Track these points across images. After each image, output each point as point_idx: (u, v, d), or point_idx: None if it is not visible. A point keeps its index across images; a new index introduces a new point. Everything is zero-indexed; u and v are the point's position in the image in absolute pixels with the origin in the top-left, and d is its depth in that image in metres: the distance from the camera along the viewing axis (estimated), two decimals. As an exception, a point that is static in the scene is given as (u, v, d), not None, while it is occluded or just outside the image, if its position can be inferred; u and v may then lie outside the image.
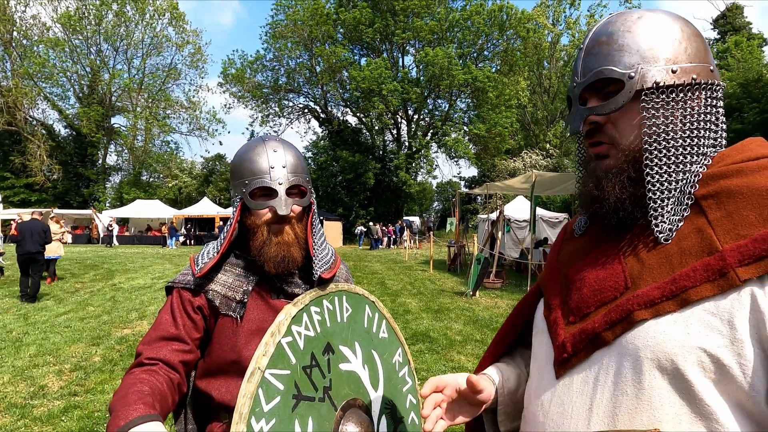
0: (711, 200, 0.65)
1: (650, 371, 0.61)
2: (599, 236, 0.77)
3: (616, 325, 0.64)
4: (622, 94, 0.69)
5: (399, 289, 10.46)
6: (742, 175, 0.64)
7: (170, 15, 36.71)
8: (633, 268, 0.67)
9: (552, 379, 0.73)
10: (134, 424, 0.82)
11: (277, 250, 1.15)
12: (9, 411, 3.80)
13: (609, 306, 0.67)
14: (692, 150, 0.69)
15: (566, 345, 0.70)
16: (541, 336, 0.80)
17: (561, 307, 0.76)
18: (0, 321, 6.91)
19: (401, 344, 1.33)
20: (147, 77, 37.64)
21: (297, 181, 1.19)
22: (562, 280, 0.79)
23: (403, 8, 29.99)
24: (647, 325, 0.62)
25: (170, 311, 1.15)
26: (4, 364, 4.94)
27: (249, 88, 32.88)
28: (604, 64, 0.70)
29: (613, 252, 0.71)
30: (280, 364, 0.92)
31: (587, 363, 0.68)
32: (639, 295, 0.64)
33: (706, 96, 0.70)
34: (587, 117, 0.73)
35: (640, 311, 0.63)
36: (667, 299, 0.61)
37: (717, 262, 0.59)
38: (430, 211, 50.07)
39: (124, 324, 6.81)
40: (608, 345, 0.65)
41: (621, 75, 0.69)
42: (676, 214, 0.67)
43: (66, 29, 34.17)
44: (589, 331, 0.67)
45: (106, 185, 37.46)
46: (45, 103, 35.52)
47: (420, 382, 4.37)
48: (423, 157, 32.18)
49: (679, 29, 0.70)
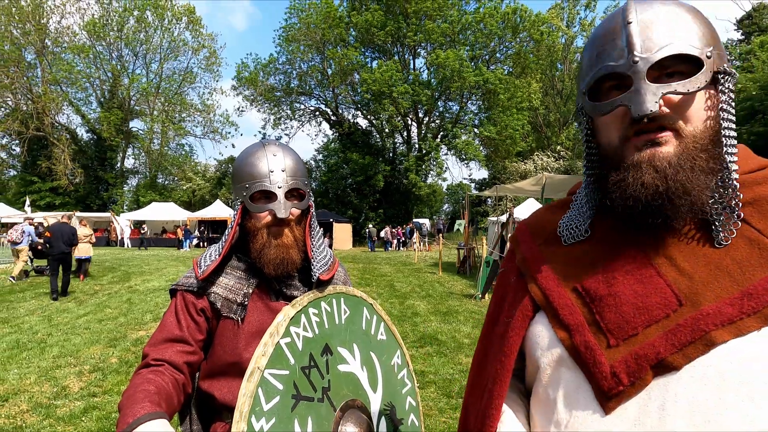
0: (751, 208, 0.61)
1: (744, 400, 0.54)
2: (615, 240, 0.68)
3: (688, 348, 0.57)
4: (702, 73, 0.62)
5: (408, 292, 10.50)
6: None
7: (187, 19, 37.52)
8: (679, 281, 0.61)
9: (599, 414, 0.61)
10: (141, 421, 0.85)
11: (276, 252, 1.17)
12: (35, 410, 3.95)
13: (663, 327, 0.59)
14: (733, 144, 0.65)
15: (619, 375, 0.60)
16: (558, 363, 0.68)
17: (589, 328, 0.65)
18: (27, 323, 7.16)
19: (400, 346, 1.33)
20: (164, 81, 38.61)
21: (296, 185, 1.21)
22: (576, 295, 0.69)
23: (415, 11, 30.07)
24: (729, 346, 0.56)
25: (174, 313, 1.18)
26: (31, 365, 5.13)
27: (262, 91, 33.32)
28: (681, 39, 0.62)
29: (643, 262, 0.64)
30: (278, 365, 0.94)
31: (648, 392, 0.59)
32: (710, 313, 0.57)
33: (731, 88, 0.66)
34: (663, 95, 0.62)
35: (718, 331, 0.56)
36: (747, 316, 0.56)
37: None
38: (440, 214, 49.95)
39: (139, 326, 7.00)
40: (678, 371, 0.58)
41: (700, 53, 0.62)
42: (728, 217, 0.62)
43: (91, 36, 35.28)
44: (649, 356, 0.59)
45: (124, 188, 38.34)
46: (69, 108, 36.83)
47: (428, 384, 4.40)
48: (433, 160, 32.16)
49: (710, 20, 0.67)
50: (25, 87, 33.59)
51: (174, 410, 1.04)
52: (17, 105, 33.67)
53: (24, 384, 4.54)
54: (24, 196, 27.57)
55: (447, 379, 4.67)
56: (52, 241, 9.12)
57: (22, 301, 8.90)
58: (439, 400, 4.13)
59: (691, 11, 0.65)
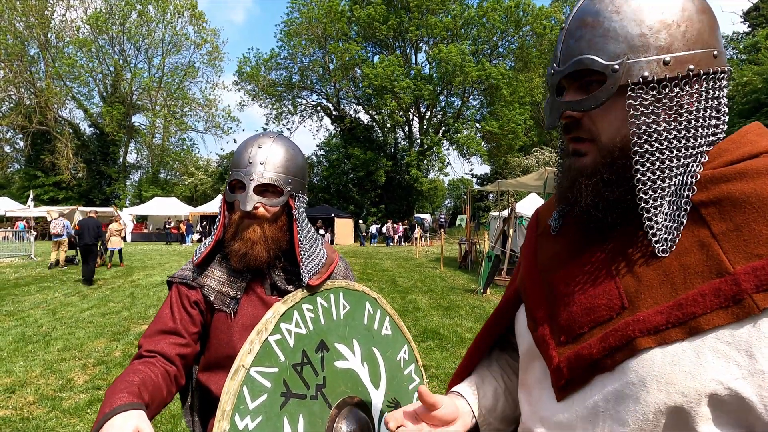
0: (713, 208, 0.57)
1: (656, 403, 0.55)
2: (580, 239, 0.70)
3: (616, 352, 0.58)
4: (603, 90, 0.61)
5: (409, 287, 10.52)
6: (747, 179, 0.56)
7: (189, 14, 37.38)
8: (628, 284, 0.60)
9: (552, 400, 0.67)
10: (117, 411, 0.85)
11: (239, 245, 1.16)
12: (41, 403, 4.00)
13: (605, 328, 0.60)
14: (687, 147, 0.61)
15: (562, 369, 0.64)
16: (530, 350, 0.73)
17: (548, 322, 0.69)
18: (32, 316, 7.23)
19: (407, 341, 1.30)
20: (166, 76, 38.52)
21: (272, 180, 1.17)
22: (546, 288, 0.71)
23: (417, 5, 29.88)
24: (652, 355, 0.56)
25: (169, 306, 1.18)
26: (36, 358, 5.19)
27: (263, 85, 33.26)
28: (586, 52, 0.61)
29: (602, 262, 0.65)
30: (267, 362, 0.92)
31: (589, 388, 0.62)
32: (640, 319, 0.57)
33: (707, 88, 0.61)
34: (563, 112, 0.65)
35: (643, 339, 0.56)
36: (673, 326, 0.55)
37: (730, 287, 0.53)
38: (442, 209, 49.92)
39: (142, 320, 7.05)
40: (609, 372, 0.59)
41: (603, 67, 0.60)
42: (672, 221, 0.60)
43: (93, 30, 35.25)
44: (586, 356, 0.61)
45: (126, 183, 38.43)
46: (72, 102, 36.89)
47: (430, 378, 4.42)
48: (435, 155, 32.10)
49: (680, 8, 0.60)
50: (29, 81, 33.64)
51: (163, 401, 1.04)
52: (21, 99, 33.74)
53: (30, 376, 4.59)
54: (28, 190, 27.74)
55: (449, 373, 4.68)
56: (81, 234, 10.41)
57: (27, 295, 8.97)
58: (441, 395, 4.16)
59: (619, 10, 0.61)
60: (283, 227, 1.22)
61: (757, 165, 0.57)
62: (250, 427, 0.85)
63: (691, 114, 0.61)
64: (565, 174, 0.68)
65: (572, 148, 0.67)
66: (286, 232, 1.23)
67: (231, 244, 1.18)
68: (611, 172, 0.62)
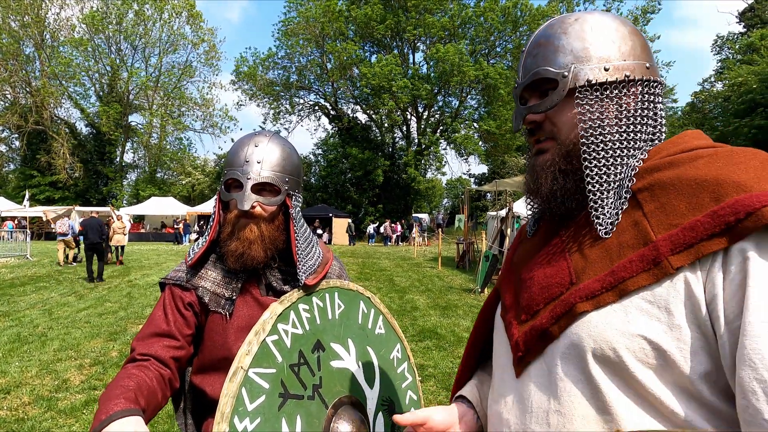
0: (646, 193, 0.67)
1: (594, 360, 0.63)
2: (545, 234, 0.80)
3: (561, 319, 0.67)
4: (556, 92, 0.73)
5: (407, 286, 10.52)
6: (673, 167, 0.66)
7: (187, 13, 37.22)
8: (577, 263, 0.69)
9: (513, 378, 0.75)
10: (114, 418, 0.84)
11: (236, 245, 1.14)
12: (37, 403, 3.97)
13: (555, 302, 0.69)
14: (628, 144, 0.71)
15: (519, 344, 0.72)
16: (500, 337, 0.82)
17: (514, 307, 0.78)
18: (27, 316, 7.18)
19: (400, 340, 1.31)
20: (163, 75, 38.32)
21: (269, 179, 1.16)
22: (516, 279, 0.81)
23: (415, 4, 29.86)
24: (589, 317, 0.64)
25: (162, 308, 1.16)
26: (32, 358, 5.15)
27: (261, 85, 33.18)
28: (541, 65, 0.74)
29: (559, 248, 0.74)
30: (264, 363, 0.92)
31: (541, 358, 0.70)
32: (581, 288, 0.66)
33: (642, 92, 0.72)
34: (525, 116, 0.76)
35: (581, 303, 0.65)
36: (606, 290, 0.63)
37: (651, 252, 0.61)
38: (440, 208, 49.96)
39: (139, 320, 7.02)
40: (556, 339, 0.67)
41: (555, 74, 0.72)
42: (615, 208, 0.69)
43: (90, 29, 35.02)
44: (538, 327, 0.70)
45: (123, 183, 38.26)
46: (68, 102, 36.59)
47: (428, 378, 4.43)
48: (432, 154, 32.11)
49: (614, 29, 0.73)
50: (24, 80, 33.43)
51: (158, 405, 1.03)
52: (16, 98, 33.49)
53: (25, 377, 4.57)
54: (23, 190, 27.54)
55: (446, 372, 4.69)
56: (86, 233, 10.84)
57: (22, 295, 8.92)
58: (438, 393, 4.16)
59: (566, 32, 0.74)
60: (279, 226, 1.21)
61: (684, 156, 0.67)
62: (249, 429, 0.85)
63: (631, 113, 0.72)
64: (530, 171, 0.79)
65: (536, 148, 0.77)
66: (283, 231, 1.21)
67: (227, 244, 1.16)
68: (566, 162, 0.72)
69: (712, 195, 0.59)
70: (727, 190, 0.58)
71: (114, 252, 14.18)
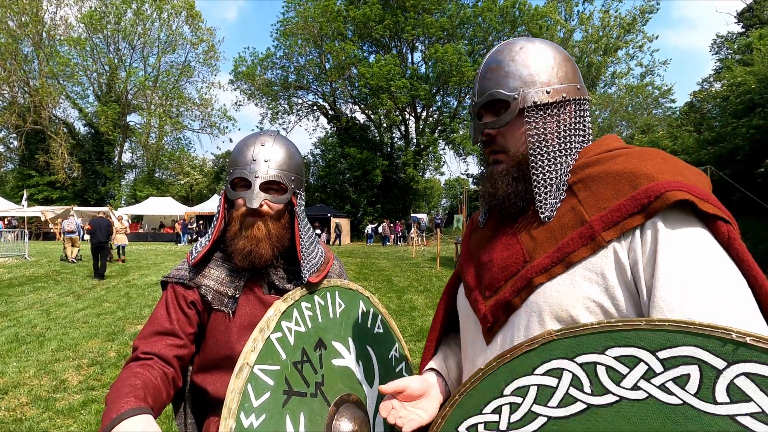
0: (580, 184, 0.82)
1: (551, 321, 0.77)
2: (498, 224, 0.94)
3: (521, 292, 0.80)
4: (508, 112, 0.87)
5: (405, 286, 10.53)
6: (600, 164, 0.82)
7: (186, 13, 37.14)
8: (528, 245, 0.83)
9: (483, 346, 0.87)
10: (125, 416, 0.85)
11: (244, 243, 1.15)
12: (35, 404, 3.96)
13: (514, 278, 0.83)
14: (566, 151, 0.87)
15: (487, 316, 0.86)
16: (467, 314, 0.94)
17: (478, 286, 0.91)
18: (25, 316, 7.16)
19: (398, 340, 1.32)
20: (161, 75, 38.22)
21: (277, 177, 1.17)
22: (476, 263, 0.95)
23: (413, 4, 29.86)
24: (544, 287, 0.78)
25: (165, 306, 1.16)
26: (30, 358, 5.14)
27: (259, 85, 33.14)
28: (495, 87, 0.88)
29: (511, 235, 0.88)
30: (269, 360, 0.93)
31: (506, 326, 0.83)
32: (535, 265, 0.80)
33: (575, 109, 0.88)
34: (483, 131, 0.90)
35: (537, 277, 0.79)
36: (555, 264, 0.78)
37: (587, 230, 0.76)
38: (438, 208, 49.97)
39: (137, 320, 7.01)
40: (518, 308, 0.81)
41: (507, 97, 0.86)
42: (555, 198, 0.84)
43: (88, 28, 34.87)
44: (502, 300, 0.83)
45: (121, 183, 38.18)
46: (66, 101, 36.47)
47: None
48: (431, 154, 32.12)
49: (552, 57, 0.88)
50: (22, 80, 33.32)
51: (162, 404, 1.03)
52: (14, 98, 33.39)
53: (23, 377, 4.56)
54: (22, 189, 27.50)
55: (444, 372, 4.71)
56: (95, 232, 11.41)
57: (20, 295, 8.90)
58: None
59: (513, 59, 0.88)
60: (285, 225, 1.21)
61: (607, 155, 0.84)
62: (255, 425, 0.86)
63: (567, 126, 0.87)
64: (488, 177, 0.93)
65: (492, 158, 0.92)
66: (288, 229, 1.22)
67: (234, 242, 1.16)
68: (517, 171, 0.87)
69: (630, 184, 0.75)
70: (641, 179, 0.74)
71: (116, 251, 14.81)
